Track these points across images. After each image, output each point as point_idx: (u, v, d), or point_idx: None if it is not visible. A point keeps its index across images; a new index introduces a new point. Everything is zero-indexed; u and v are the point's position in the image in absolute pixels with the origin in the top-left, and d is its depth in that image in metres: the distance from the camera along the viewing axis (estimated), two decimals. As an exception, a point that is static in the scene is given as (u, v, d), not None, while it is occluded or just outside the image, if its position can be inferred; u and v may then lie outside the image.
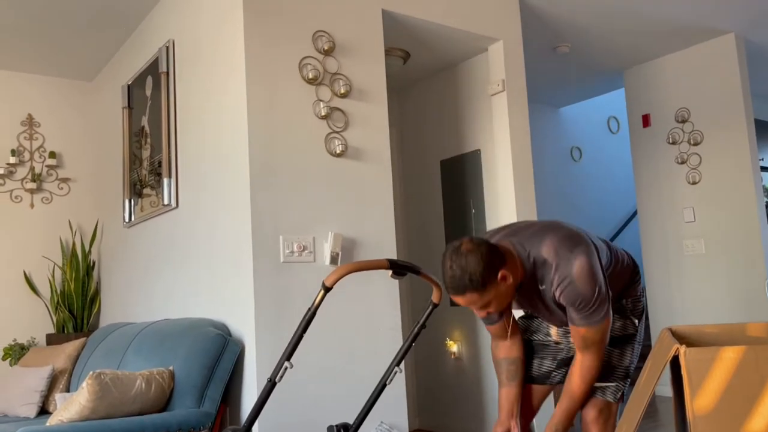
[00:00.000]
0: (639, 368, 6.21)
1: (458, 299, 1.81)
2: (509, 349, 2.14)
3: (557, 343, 2.21)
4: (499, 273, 1.80)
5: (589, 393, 2.05)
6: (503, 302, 1.86)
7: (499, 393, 2.16)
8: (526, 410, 2.21)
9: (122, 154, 4.27)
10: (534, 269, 1.90)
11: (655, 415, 4.60)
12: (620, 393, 2.11)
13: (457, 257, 1.76)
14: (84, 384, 2.56)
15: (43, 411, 3.61)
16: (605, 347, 1.99)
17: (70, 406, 2.57)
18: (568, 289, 1.85)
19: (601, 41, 4.93)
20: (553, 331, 2.21)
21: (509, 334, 2.10)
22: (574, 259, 1.84)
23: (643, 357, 6.32)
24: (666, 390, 5.25)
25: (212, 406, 2.78)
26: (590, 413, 2.08)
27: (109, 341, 3.54)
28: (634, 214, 6.96)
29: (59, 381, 3.70)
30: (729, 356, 1.17)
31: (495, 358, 2.17)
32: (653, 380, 1.31)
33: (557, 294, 1.89)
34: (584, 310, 1.86)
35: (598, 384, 2.07)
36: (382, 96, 3.40)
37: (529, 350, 2.24)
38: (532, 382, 2.22)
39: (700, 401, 1.17)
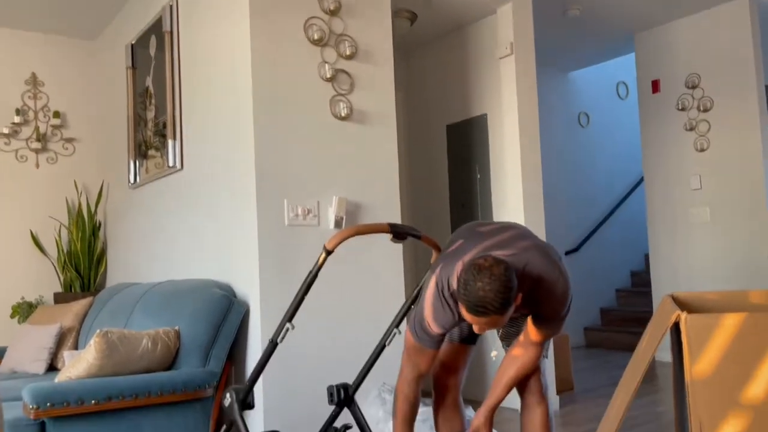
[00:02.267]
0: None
1: (479, 319, 1.75)
2: (418, 391, 2.10)
3: None
4: (518, 296, 1.80)
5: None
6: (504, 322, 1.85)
7: None
8: (459, 368, 2.24)
9: (127, 115, 4.26)
10: (522, 284, 1.87)
11: (654, 380, 4.65)
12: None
13: (489, 280, 1.70)
14: (91, 342, 2.60)
15: (52, 367, 3.67)
16: None
17: (78, 363, 2.62)
18: (558, 303, 1.91)
19: (613, 4, 4.83)
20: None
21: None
22: (563, 274, 1.92)
23: (643, 323, 6.29)
24: (666, 356, 5.30)
25: (217, 365, 2.82)
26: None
27: (116, 301, 3.58)
28: (641, 180, 6.92)
29: (67, 339, 3.76)
30: (730, 323, 1.17)
31: (409, 400, 2.09)
32: (653, 345, 1.31)
33: (544, 308, 1.92)
34: (559, 320, 1.95)
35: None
36: (389, 58, 3.35)
37: None
38: (463, 342, 2.24)
39: (699, 366, 1.18)
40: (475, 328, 1.81)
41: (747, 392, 1.16)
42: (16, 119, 4.55)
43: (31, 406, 2.35)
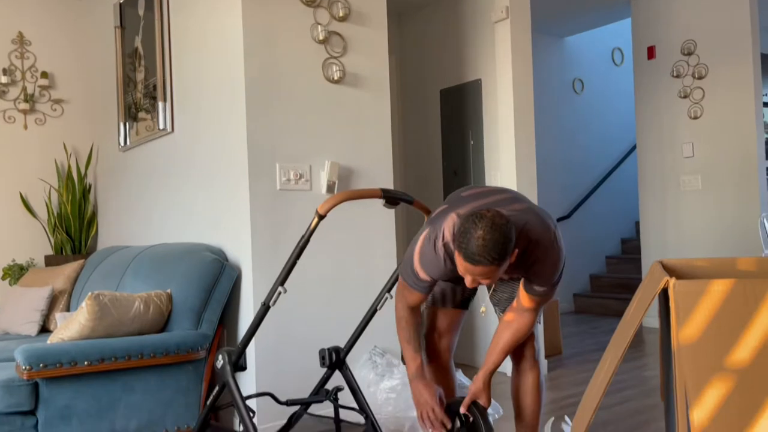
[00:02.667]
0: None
1: (475, 268, 1.76)
2: (410, 315, 2.14)
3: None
4: (514, 251, 1.80)
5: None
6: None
7: (413, 365, 2.13)
8: (451, 332, 2.28)
9: (116, 77, 4.19)
10: (518, 241, 1.88)
11: (641, 346, 4.73)
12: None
13: (490, 229, 1.72)
14: (83, 304, 2.61)
15: (44, 329, 3.69)
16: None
17: (71, 325, 2.62)
18: (551, 268, 1.92)
19: (610, -32, 4.75)
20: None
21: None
22: (557, 242, 1.92)
23: (632, 289, 6.36)
24: (654, 322, 5.38)
25: (210, 328, 2.84)
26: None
27: (108, 264, 3.58)
28: (634, 148, 6.92)
29: (59, 301, 3.76)
30: (717, 289, 1.19)
31: (400, 324, 2.14)
32: (641, 311, 1.33)
33: (536, 272, 1.92)
34: (550, 286, 1.95)
35: None
36: (382, 20, 3.30)
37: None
38: (455, 307, 2.27)
39: (686, 332, 1.19)
40: (467, 280, 1.82)
41: (732, 357, 1.18)
42: (3, 79, 4.47)
43: (24, 367, 2.37)
